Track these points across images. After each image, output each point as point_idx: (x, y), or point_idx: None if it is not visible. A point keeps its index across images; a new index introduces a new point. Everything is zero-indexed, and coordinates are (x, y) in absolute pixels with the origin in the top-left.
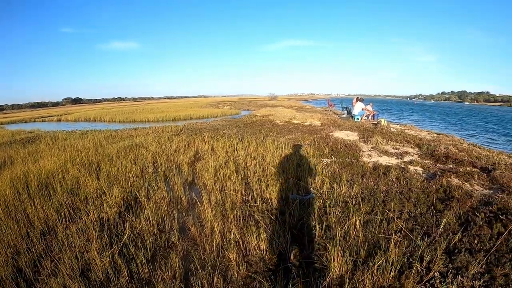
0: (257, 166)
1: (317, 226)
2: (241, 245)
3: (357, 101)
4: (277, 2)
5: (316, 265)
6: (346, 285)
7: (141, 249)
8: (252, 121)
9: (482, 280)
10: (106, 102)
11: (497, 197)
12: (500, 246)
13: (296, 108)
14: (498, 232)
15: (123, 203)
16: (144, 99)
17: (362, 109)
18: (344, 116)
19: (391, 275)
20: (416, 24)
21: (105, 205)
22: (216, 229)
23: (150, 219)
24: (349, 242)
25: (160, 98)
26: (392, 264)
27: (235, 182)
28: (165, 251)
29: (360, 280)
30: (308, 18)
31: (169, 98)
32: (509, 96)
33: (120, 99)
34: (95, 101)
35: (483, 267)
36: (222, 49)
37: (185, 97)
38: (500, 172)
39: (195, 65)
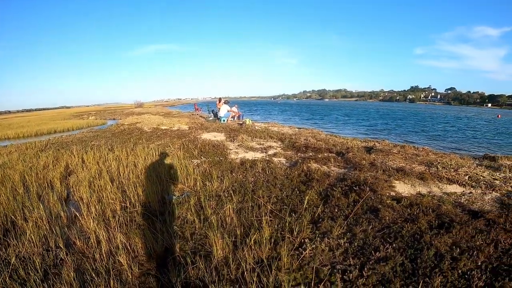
0: (131, 174)
1: (196, 219)
2: (129, 248)
3: (219, 102)
4: (138, 4)
5: (201, 252)
6: (231, 262)
7: (32, 270)
8: (120, 130)
9: (345, 238)
10: None
11: (350, 174)
12: (356, 211)
13: (163, 114)
14: (353, 200)
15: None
16: None
17: (228, 111)
18: (211, 118)
19: (267, 247)
20: (280, 28)
21: None
22: (101, 238)
23: (33, 240)
24: (226, 228)
25: (18, 112)
26: (267, 239)
27: (111, 191)
28: (56, 268)
29: (242, 256)
30: (175, 22)
31: (28, 111)
32: (364, 91)
33: None
34: None
35: (345, 228)
36: (84, 55)
37: (46, 109)
38: (353, 154)
39: (55, 73)
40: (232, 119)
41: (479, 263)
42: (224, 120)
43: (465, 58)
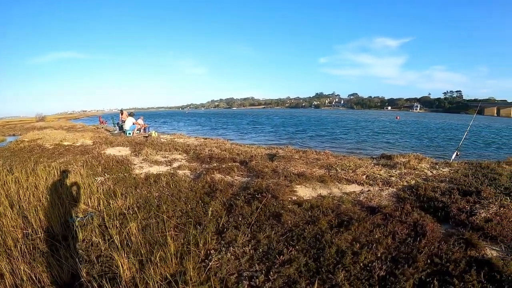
0: (32, 197)
1: (101, 241)
2: (35, 279)
3: (122, 114)
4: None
5: (108, 274)
6: (139, 282)
7: None
8: (19, 148)
9: (250, 245)
10: None
11: (253, 182)
12: (259, 217)
13: (67, 128)
14: (256, 208)
15: None
16: None
17: (134, 123)
18: (116, 132)
19: (174, 262)
20: (188, 37)
21: None
22: (4, 271)
23: None
24: (132, 247)
25: None
26: (173, 254)
27: (12, 218)
28: None
29: (149, 274)
30: (78, 29)
31: None
32: (271, 99)
33: None
34: None
35: (249, 235)
36: None
37: None
38: (256, 162)
39: None
40: (138, 131)
41: (379, 255)
42: (129, 133)
43: (367, 66)
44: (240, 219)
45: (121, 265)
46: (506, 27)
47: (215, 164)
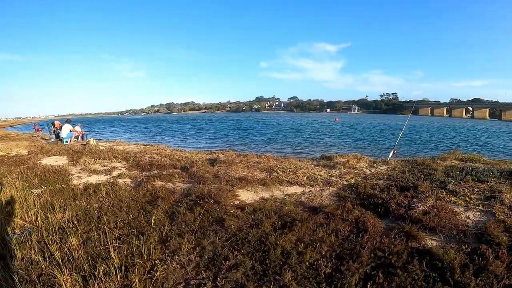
0: None
1: (41, 258)
2: None
3: (53, 125)
4: None
5: None
6: None
7: None
8: None
9: (195, 253)
10: None
11: (195, 188)
12: (203, 223)
13: None
14: (199, 214)
15: None
16: None
17: (71, 131)
18: (52, 140)
19: (118, 276)
20: (126, 40)
21: None
22: None
23: None
24: (74, 262)
25: None
26: (117, 268)
27: None
28: None
29: None
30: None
31: None
32: (211, 103)
33: None
34: None
35: (194, 243)
36: None
37: None
38: (197, 168)
39: None
40: (76, 139)
41: (324, 253)
42: (66, 142)
43: (307, 70)
44: (183, 226)
45: (64, 283)
46: (436, 35)
47: (156, 171)
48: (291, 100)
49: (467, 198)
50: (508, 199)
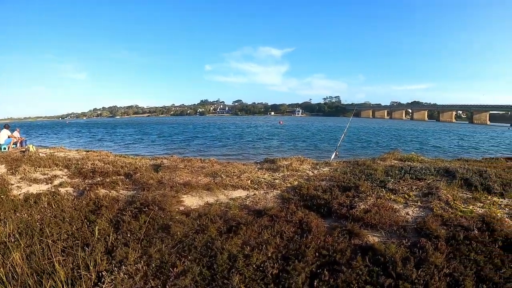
0: None
1: None
2: None
3: None
4: None
5: None
6: None
7: None
8: None
9: (142, 262)
10: None
11: (139, 195)
12: (148, 231)
13: None
14: (144, 222)
15: None
16: None
17: (9, 137)
18: None
19: None
20: (65, 39)
21: None
22: None
23: None
24: (18, 279)
25: None
26: (63, 282)
27: None
28: None
29: None
30: None
31: None
32: (155, 107)
33: None
34: None
35: (140, 251)
36: None
37: None
38: (141, 174)
39: None
40: (14, 145)
41: (270, 254)
42: (4, 148)
43: (252, 74)
44: (129, 235)
45: None
46: (378, 40)
47: (99, 179)
48: (236, 104)
49: (406, 196)
50: (445, 195)
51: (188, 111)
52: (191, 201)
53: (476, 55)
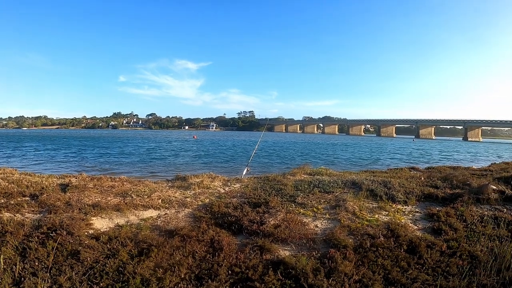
0: None
1: None
2: None
3: None
4: None
5: None
6: None
7: None
8: None
9: None
10: None
11: (46, 219)
12: (57, 258)
13: None
14: (52, 248)
15: None
16: None
17: None
18: None
19: None
20: None
21: None
22: None
23: None
24: None
25: None
26: None
27: None
28: None
29: None
30: None
31: None
32: (65, 119)
33: None
34: None
35: (50, 281)
36: None
37: None
38: (47, 195)
39: None
40: None
41: (183, 276)
42: None
43: (167, 87)
44: (37, 263)
45: None
46: (289, 60)
47: (3, 201)
48: (150, 117)
49: (315, 209)
50: (352, 206)
51: (100, 124)
52: (101, 223)
53: (385, 75)
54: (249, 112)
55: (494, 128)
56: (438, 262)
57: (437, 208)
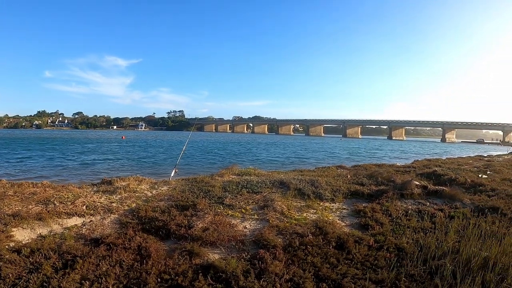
0: None
1: None
2: None
3: None
4: None
5: None
6: None
7: None
8: None
9: None
10: None
11: None
12: None
13: None
14: None
15: None
16: None
17: None
18: None
19: None
20: None
21: None
22: None
23: None
24: None
25: None
26: None
27: None
28: None
29: None
30: None
31: None
32: None
33: None
34: None
35: None
36: None
37: None
38: None
39: None
40: None
41: (110, 287)
42: None
43: (94, 84)
44: None
45: None
46: (221, 59)
47: None
48: (76, 116)
49: (243, 210)
50: (280, 206)
51: (24, 123)
52: (23, 234)
53: (319, 77)
54: (179, 111)
55: (417, 127)
56: (367, 256)
57: (364, 205)
